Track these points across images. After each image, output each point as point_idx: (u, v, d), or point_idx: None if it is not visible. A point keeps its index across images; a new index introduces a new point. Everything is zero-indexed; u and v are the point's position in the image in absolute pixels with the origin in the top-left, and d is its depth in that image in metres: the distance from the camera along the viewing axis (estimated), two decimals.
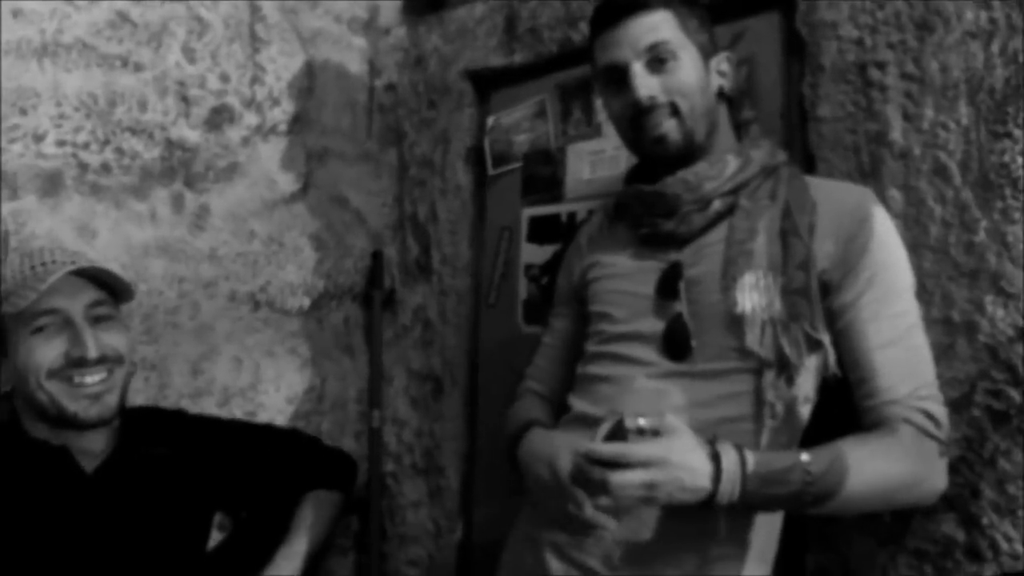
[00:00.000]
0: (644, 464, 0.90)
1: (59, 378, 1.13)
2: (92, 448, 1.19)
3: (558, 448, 1.08)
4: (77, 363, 1.13)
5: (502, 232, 1.72)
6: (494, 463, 1.63)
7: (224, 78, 1.67)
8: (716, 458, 0.92)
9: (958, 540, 1.07)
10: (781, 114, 1.31)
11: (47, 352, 1.12)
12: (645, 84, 1.07)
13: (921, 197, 1.13)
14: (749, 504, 0.94)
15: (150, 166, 1.56)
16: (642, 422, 0.94)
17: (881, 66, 1.18)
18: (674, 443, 0.92)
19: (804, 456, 0.94)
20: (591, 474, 0.94)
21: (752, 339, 1.02)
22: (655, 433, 0.93)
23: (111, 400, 1.17)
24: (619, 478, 0.90)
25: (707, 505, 0.93)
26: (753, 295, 1.03)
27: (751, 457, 0.93)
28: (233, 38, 1.69)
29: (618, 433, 0.94)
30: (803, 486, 0.92)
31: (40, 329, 1.13)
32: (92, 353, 1.14)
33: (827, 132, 1.23)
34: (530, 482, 1.15)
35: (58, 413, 1.14)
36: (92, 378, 1.15)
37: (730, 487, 0.91)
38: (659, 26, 1.07)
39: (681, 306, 1.08)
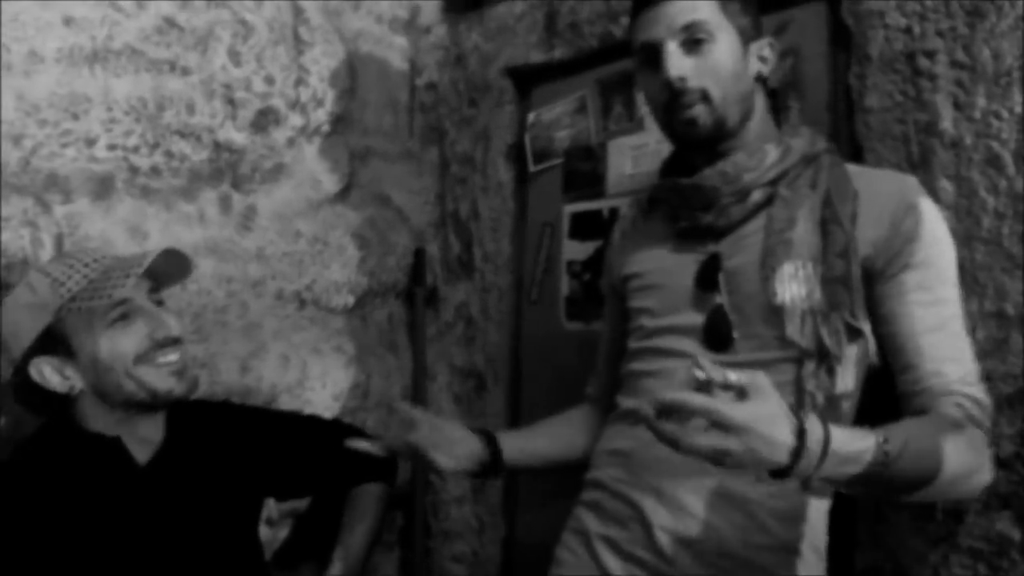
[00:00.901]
0: (726, 428, 0.81)
1: (144, 361, 1.16)
2: (149, 435, 1.22)
3: None
4: (163, 343, 1.17)
5: (543, 228, 1.72)
6: None
7: (269, 80, 1.70)
8: (801, 434, 0.83)
9: (1014, 539, 1.05)
10: (828, 105, 1.28)
11: (132, 338, 1.15)
12: (676, 64, 1.04)
13: (973, 188, 1.11)
14: (819, 479, 0.87)
15: (198, 168, 1.60)
16: (732, 377, 0.84)
17: (930, 55, 1.15)
18: (761, 410, 0.82)
19: (881, 436, 0.87)
20: (660, 429, 0.84)
21: (792, 329, 1.00)
22: (741, 392, 0.84)
23: (193, 373, 1.22)
24: (691, 441, 0.82)
25: (775, 475, 0.85)
26: (792, 285, 1.01)
27: (834, 434, 0.85)
28: (277, 41, 1.71)
29: (703, 387, 0.85)
30: (878, 467, 0.85)
31: (118, 319, 1.16)
32: (176, 331, 1.18)
33: (875, 123, 1.21)
34: None
35: (149, 396, 1.17)
36: (172, 356, 1.18)
37: (807, 465, 0.83)
38: (698, 6, 1.05)
39: (721, 297, 1.07)
